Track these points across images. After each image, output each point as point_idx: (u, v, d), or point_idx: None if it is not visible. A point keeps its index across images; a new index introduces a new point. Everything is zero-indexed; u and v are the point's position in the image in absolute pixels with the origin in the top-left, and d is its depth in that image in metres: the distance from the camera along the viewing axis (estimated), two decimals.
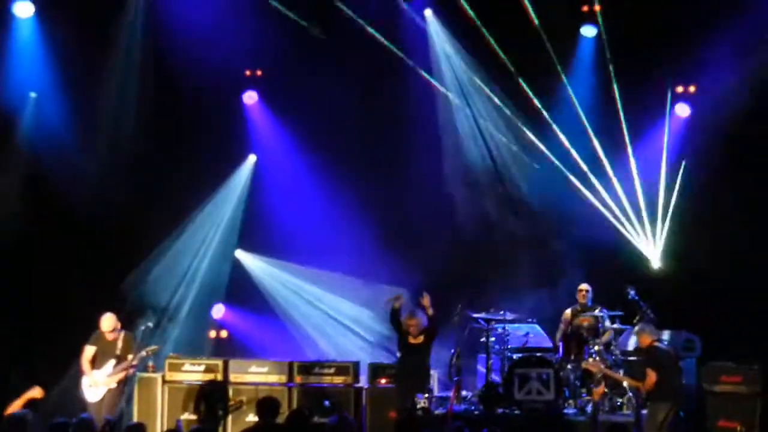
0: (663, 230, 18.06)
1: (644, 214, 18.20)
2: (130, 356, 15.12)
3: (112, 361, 15.01)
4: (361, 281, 18.39)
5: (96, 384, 14.98)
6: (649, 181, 18.21)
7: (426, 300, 14.89)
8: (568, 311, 16.62)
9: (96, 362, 15.08)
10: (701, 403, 14.84)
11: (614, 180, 18.25)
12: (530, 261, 18.20)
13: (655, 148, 18.22)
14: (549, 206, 18.32)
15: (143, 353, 15.29)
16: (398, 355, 15.20)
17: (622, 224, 18.24)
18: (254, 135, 19.13)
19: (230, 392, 15.94)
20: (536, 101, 18.19)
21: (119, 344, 15.07)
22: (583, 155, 18.24)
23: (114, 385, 15.00)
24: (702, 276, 17.28)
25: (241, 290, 18.89)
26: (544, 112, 18.23)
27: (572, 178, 18.28)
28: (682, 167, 17.96)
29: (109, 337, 15.12)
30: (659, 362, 13.78)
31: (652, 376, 13.68)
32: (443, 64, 18.57)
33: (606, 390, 15.33)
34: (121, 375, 15.05)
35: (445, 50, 18.52)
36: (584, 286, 16.63)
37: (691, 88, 18.10)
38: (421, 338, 14.90)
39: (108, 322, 15.18)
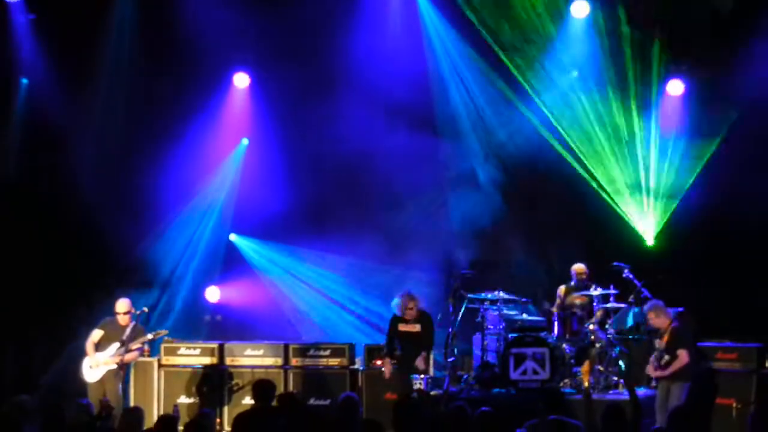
0: (659, 208, 18.04)
1: (641, 191, 18.18)
2: (133, 345, 15.09)
3: (116, 345, 15.00)
4: (356, 262, 18.35)
5: (97, 365, 14.99)
6: (645, 158, 18.19)
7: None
8: (563, 287, 16.62)
9: (100, 345, 15.09)
10: (709, 382, 14.80)
11: (609, 156, 18.23)
12: (525, 240, 18.18)
13: (652, 125, 18.19)
14: (542, 183, 18.30)
15: (150, 336, 15.27)
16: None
17: (617, 202, 18.21)
18: (247, 118, 19.08)
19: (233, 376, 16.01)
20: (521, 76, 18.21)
21: (128, 331, 15.05)
22: (578, 132, 18.22)
23: (114, 366, 15.00)
24: (697, 254, 17.30)
25: (235, 273, 18.89)
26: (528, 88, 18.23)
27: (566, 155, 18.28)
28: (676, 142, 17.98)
29: (122, 321, 15.11)
30: (686, 342, 13.79)
31: (684, 357, 13.64)
32: (436, 47, 18.55)
33: (598, 367, 15.38)
34: (124, 358, 15.00)
35: (439, 33, 18.48)
36: (580, 266, 16.59)
37: (684, 66, 18.02)
38: (417, 327, 14.94)
39: (123, 305, 15.17)
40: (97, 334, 15.14)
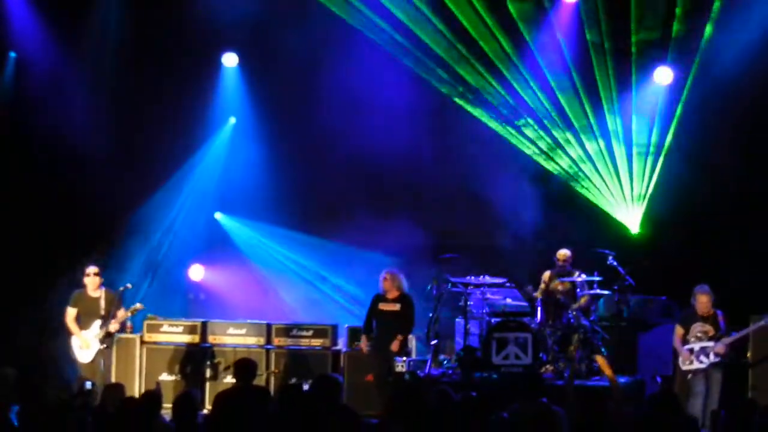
0: (644, 196, 18.05)
1: (625, 177, 18.18)
2: (120, 313, 15.06)
3: (98, 321, 14.96)
4: (341, 243, 18.33)
5: (87, 344, 14.92)
6: (628, 144, 18.18)
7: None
8: (547, 272, 16.60)
9: (80, 323, 15.02)
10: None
11: (594, 143, 18.22)
12: (508, 225, 18.16)
13: (637, 112, 18.16)
14: (525, 169, 18.31)
15: (128, 313, 15.24)
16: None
17: (601, 189, 18.22)
18: (234, 97, 19.03)
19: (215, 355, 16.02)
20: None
21: (102, 303, 15.01)
22: (561, 115, 18.20)
23: (104, 345, 14.96)
24: (681, 242, 17.34)
25: (219, 251, 18.86)
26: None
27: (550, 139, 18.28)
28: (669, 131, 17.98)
29: (92, 286, 15.01)
30: None
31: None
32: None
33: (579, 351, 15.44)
34: (108, 329, 14.94)
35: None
36: (564, 252, 16.55)
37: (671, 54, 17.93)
38: (396, 306, 14.98)
39: (93, 267, 15.10)
40: (72, 312, 15.05)
